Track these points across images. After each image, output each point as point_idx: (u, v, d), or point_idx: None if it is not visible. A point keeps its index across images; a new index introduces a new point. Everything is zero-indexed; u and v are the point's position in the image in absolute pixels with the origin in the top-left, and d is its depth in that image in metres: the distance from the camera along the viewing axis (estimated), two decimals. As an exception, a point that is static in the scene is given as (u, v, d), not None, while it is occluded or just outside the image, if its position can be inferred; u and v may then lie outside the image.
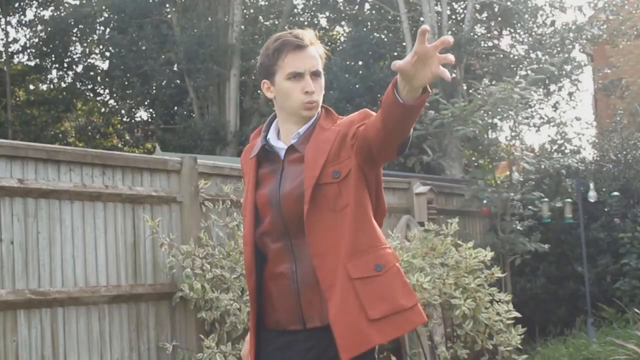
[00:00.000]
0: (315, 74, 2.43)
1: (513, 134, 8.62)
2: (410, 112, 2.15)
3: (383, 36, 16.08)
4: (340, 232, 2.34)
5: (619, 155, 9.50)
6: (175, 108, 17.57)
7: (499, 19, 15.11)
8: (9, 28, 18.20)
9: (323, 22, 18.68)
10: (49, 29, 17.83)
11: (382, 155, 2.32)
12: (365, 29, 15.85)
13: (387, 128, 2.20)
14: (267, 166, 2.50)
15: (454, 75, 13.57)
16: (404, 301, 2.37)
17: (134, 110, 18.77)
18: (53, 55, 18.14)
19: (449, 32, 13.70)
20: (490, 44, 15.12)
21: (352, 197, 2.36)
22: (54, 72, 18.73)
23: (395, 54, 15.09)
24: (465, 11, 14.55)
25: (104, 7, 17.62)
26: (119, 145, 18.25)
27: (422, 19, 14.08)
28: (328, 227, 2.35)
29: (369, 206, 2.42)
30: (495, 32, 15.63)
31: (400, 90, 2.12)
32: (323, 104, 2.55)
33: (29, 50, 18.65)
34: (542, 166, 8.61)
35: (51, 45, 17.91)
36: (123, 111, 18.75)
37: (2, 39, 18.09)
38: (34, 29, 18.53)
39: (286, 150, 2.46)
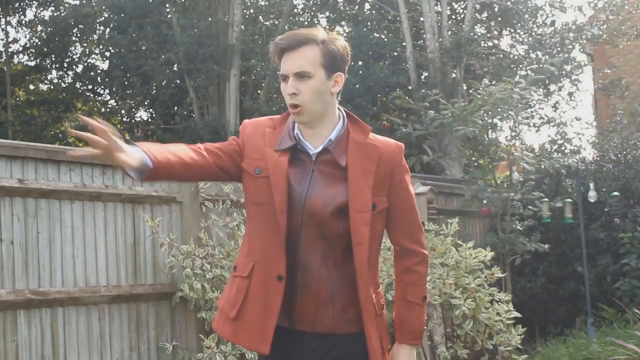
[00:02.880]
0: (299, 75, 2.37)
1: (513, 134, 8.62)
2: None
3: (383, 36, 16.08)
4: (370, 262, 2.43)
5: (619, 155, 9.51)
6: (175, 108, 17.56)
7: (499, 19, 15.10)
8: (9, 28, 18.21)
9: (323, 22, 18.65)
10: (49, 29, 17.82)
11: None
12: (365, 29, 15.85)
13: None
14: (294, 162, 2.44)
15: (454, 75, 13.57)
16: (390, 340, 2.57)
17: (134, 110, 18.77)
18: (53, 55, 18.12)
19: (449, 32, 13.71)
20: (490, 44, 15.11)
21: (379, 232, 2.48)
22: (54, 72, 18.71)
23: (395, 53, 15.09)
24: (465, 11, 14.54)
25: (104, 7, 17.61)
26: (119, 145, 18.23)
27: (422, 19, 14.08)
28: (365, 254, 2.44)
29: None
30: (495, 32, 15.62)
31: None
32: (346, 110, 2.52)
33: (29, 50, 18.64)
34: (542, 166, 8.61)
35: (51, 45, 17.89)
36: (123, 111, 18.74)
37: (2, 39, 18.10)
38: (34, 29, 18.53)
39: (318, 153, 2.44)
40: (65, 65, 18.44)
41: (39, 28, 18.31)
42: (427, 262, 2.54)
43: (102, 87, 18.71)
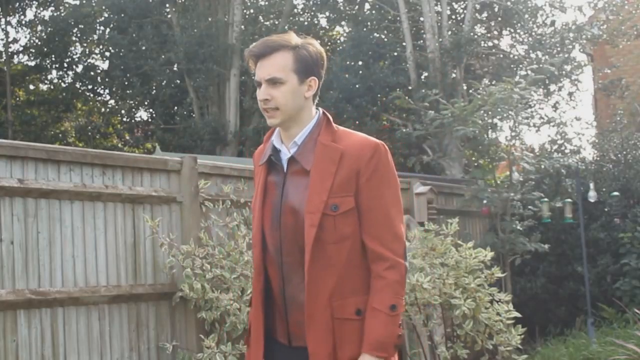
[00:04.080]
0: (271, 82, 2.41)
1: (513, 134, 8.62)
2: None
3: (383, 36, 16.07)
4: (331, 265, 2.37)
5: (619, 155, 9.51)
6: (175, 108, 17.57)
7: (499, 19, 15.10)
8: (9, 28, 18.23)
9: (323, 22, 18.68)
10: (49, 29, 17.83)
11: None
12: (365, 29, 15.85)
13: None
14: (273, 174, 2.52)
15: (454, 75, 13.57)
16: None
17: (134, 110, 18.78)
18: (53, 55, 18.13)
19: (449, 32, 13.71)
20: (490, 44, 15.11)
21: (348, 234, 2.38)
22: (54, 72, 18.73)
23: (395, 53, 15.10)
24: (465, 11, 14.54)
25: (104, 7, 17.62)
26: (119, 145, 18.25)
27: (422, 19, 14.08)
28: (321, 256, 2.36)
29: (361, 246, 2.41)
30: (495, 32, 15.62)
31: None
32: (324, 110, 2.53)
33: (29, 50, 18.65)
34: (542, 166, 8.61)
35: (51, 45, 17.90)
36: (123, 111, 18.75)
37: (2, 39, 18.10)
38: (34, 29, 18.54)
39: (288, 161, 2.47)
40: (65, 65, 18.45)
41: (39, 28, 18.32)
42: (399, 270, 2.38)
43: (102, 87, 18.72)
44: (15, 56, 18.64)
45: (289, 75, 2.41)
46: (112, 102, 19.19)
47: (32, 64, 18.58)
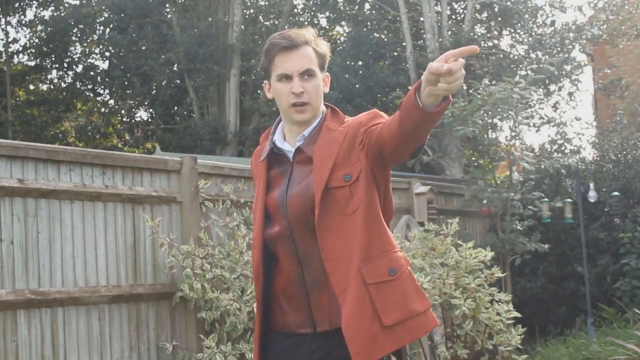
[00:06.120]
0: (305, 74, 2.40)
1: (513, 134, 8.62)
2: (429, 118, 2.10)
3: (383, 36, 16.07)
4: (352, 235, 2.32)
5: (619, 155, 9.51)
6: (175, 108, 17.56)
7: (499, 19, 15.09)
8: (9, 28, 18.21)
9: (323, 22, 18.67)
10: (49, 29, 17.81)
11: (395, 158, 2.29)
12: (365, 29, 15.84)
13: (403, 131, 2.15)
14: (277, 168, 2.49)
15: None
16: (417, 305, 2.37)
17: (134, 110, 18.76)
18: (53, 55, 18.12)
19: (449, 32, 13.71)
20: (490, 44, 15.11)
21: (363, 200, 2.34)
22: (54, 72, 18.72)
23: (395, 53, 15.09)
24: (465, 11, 14.54)
25: (104, 7, 17.61)
26: (119, 145, 18.24)
27: (422, 19, 14.08)
28: (339, 230, 2.33)
29: (379, 208, 2.39)
30: (495, 32, 15.61)
31: (422, 94, 2.07)
32: (327, 103, 2.52)
33: (29, 50, 18.64)
34: (542, 166, 8.61)
35: (51, 45, 17.89)
36: (123, 111, 18.73)
37: (2, 39, 18.10)
38: (34, 29, 18.53)
39: (294, 151, 2.45)
40: (65, 65, 18.44)
41: (39, 28, 18.31)
42: None
43: (102, 87, 18.72)
44: (15, 56, 18.62)
45: (316, 69, 2.42)
46: (112, 102, 19.18)
47: (32, 64, 18.57)
